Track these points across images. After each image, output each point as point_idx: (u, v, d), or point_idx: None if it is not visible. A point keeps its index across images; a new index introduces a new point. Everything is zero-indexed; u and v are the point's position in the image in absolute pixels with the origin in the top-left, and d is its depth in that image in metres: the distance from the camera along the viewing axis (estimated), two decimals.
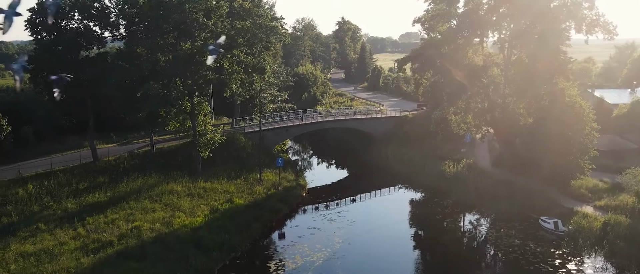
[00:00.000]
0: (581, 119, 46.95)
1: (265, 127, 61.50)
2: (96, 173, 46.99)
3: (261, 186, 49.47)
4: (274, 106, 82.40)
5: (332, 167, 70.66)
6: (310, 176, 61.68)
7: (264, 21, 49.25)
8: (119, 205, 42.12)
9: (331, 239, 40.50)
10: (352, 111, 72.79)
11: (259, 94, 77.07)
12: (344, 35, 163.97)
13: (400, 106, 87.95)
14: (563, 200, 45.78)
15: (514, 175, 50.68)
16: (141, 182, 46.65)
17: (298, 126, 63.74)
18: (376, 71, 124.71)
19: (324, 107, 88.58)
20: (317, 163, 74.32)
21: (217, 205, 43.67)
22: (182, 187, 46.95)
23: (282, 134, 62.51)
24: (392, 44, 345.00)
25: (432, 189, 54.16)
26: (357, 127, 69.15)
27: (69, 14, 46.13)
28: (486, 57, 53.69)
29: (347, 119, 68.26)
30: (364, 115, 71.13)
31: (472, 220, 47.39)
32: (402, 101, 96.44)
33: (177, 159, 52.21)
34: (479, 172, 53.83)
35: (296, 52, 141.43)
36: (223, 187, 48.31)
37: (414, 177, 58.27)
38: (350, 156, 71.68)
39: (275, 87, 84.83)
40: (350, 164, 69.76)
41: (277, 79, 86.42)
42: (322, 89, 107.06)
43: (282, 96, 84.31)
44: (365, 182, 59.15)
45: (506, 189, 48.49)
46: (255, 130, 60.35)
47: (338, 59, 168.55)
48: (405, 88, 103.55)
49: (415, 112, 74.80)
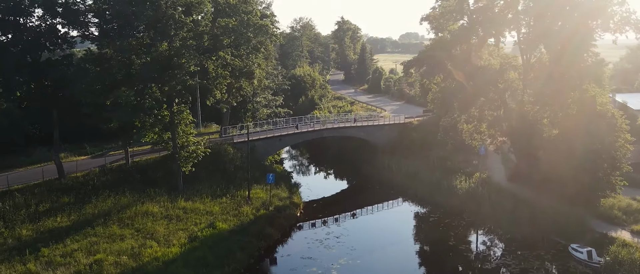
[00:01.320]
0: (613, 130, 41.23)
1: (257, 136, 55.72)
2: (60, 192, 41.13)
3: (249, 206, 43.66)
4: (268, 111, 76.74)
5: (330, 180, 64.82)
6: (307, 190, 55.89)
7: (253, 19, 43.45)
8: (82, 231, 36.33)
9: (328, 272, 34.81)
10: (352, 118, 66.98)
11: (252, 98, 71.75)
12: (344, 35, 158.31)
13: (404, 110, 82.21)
14: (594, 223, 40.06)
15: (535, 192, 44.92)
16: (112, 203, 40.83)
17: (293, 135, 57.95)
18: (377, 73, 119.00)
19: (322, 112, 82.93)
20: (314, 174, 68.50)
21: (197, 231, 37.86)
22: (159, 208, 41.16)
23: (275, 144, 56.71)
24: (392, 44, 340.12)
25: (442, 207, 48.41)
26: (357, 135, 63.41)
27: (28, 10, 40.29)
28: (502, 59, 47.90)
29: (346, 127, 62.46)
30: (365, 121, 65.36)
31: (489, 245, 41.67)
32: (406, 105, 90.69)
33: (155, 174, 46.38)
34: (494, 188, 48.07)
35: (293, 52, 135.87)
36: (206, 208, 42.51)
37: (421, 193, 52.52)
38: (351, 167, 65.86)
39: (269, 91, 79.19)
40: (351, 177, 64.03)
41: (271, 82, 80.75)
42: (321, 92, 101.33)
43: (276, 100, 78.63)
44: (367, 198, 53.31)
45: (527, 209, 42.73)
46: (246, 140, 54.53)
47: (337, 60, 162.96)
48: (408, 91, 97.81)
49: (420, 118, 69.04)
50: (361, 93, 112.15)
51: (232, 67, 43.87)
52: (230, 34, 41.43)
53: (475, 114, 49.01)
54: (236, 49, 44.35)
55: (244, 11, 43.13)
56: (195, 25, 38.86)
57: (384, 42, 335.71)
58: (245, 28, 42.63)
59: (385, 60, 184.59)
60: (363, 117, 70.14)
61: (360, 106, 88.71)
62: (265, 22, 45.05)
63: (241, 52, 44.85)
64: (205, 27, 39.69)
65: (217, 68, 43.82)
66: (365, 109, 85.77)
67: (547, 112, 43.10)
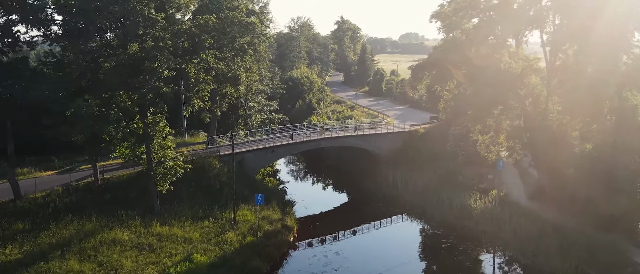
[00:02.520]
0: None
1: (246, 148, 49.94)
2: (14, 217, 35.35)
3: (235, 231, 37.91)
4: (261, 117, 70.99)
5: (327, 194, 58.99)
6: (301, 208, 50.22)
7: (238, 16, 37.53)
8: (34, 266, 30.60)
9: None
10: (352, 125, 61.21)
11: (244, 104, 66.04)
12: (343, 35, 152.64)
13: (408, 115, 76.53)
14: (634, 253, 34.38)
15: (562, 214, 39.33)
16: (74, 229, 35.09)
17: (287, 146, 52.16)
18: (378, 75, 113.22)
19: (320, 118, 77.23)
20: (311, 187, 62.70)
21: (170, 265, 32.12)
22: (129, 235, 35.47)
23: (267, 156, 50.94)
24: (392, 44, 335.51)
25: (454, 230, 42.70)
26: (358, 145, 57.68)
27: None
28: (524, 61, 42.22)
29: (346, 136, 56.69)
30: (366, 129, 59.60)
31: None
32: (410, 109, 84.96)
33: (129, 194, 40.63)
34: (514, 208, 42.40)
35: (291, 53, 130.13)
36: (184, 234, 36.80)
37: (431, 213, 46.79)
38: (350, 180, 60.08)
39: (263, 95, 73.42)
40: (350, 191, 58.23)
41: (266, 85, 75.01)
42: (319, 96, 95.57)
43: (271, 105, 72.85)
44: (368, 217, 47.60)
45: (555, 234, 37.04)
46: (236, 151, 48.78)
47: (337, 61, 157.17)
48: (411, 94, 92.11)
49: (427, 125, 63.32)
50: (362, 96, 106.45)
51: (216, 72, 38.08)
52: (211, 33, 35.63)
53: (492, 124, 43.30)
54: (220, 51, 38.52)
55: (228, 7, 37.26)
56: (169, 22, 33.07)
57: (384, 42, 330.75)
58: (229, 26, 36.77)
59: (386, 60, 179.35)
60: (364, 124, 64.45)
61: (361, 111, 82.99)
62: (252, 20, 39.19)
63: (225, 54, 39.03)
64: (182, 26, 33.96)
65: (199, 72, 38.02)
66: (367, 114, 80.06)
67: (580, 123, 37.38)
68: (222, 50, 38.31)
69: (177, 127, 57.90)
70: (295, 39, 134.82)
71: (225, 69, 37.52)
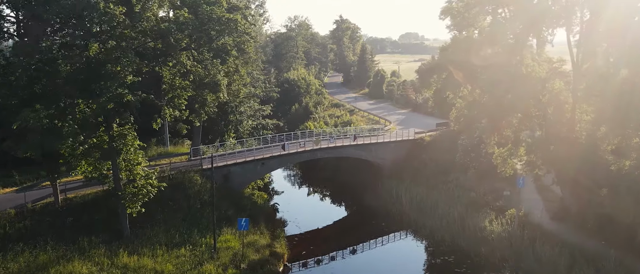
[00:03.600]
0: None
1: (232, 160, 44.62)
2: None
3: (214, 262, 32.61)
4: (254, 123, 65.78)
5: (323, 210, 53.68)
6: (295, 222, 45.19)
7: (216, 11, 32.05)
8: None
9: None
10: (351, 133, 55.94)
11: (234, 109, 60.88)
12: (342, 35, 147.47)
13: (411, 121, 71.25)
14: None
15: (593, 240, 34.07)
16: (25, 262, 29.81)
17: (279, 158, 46.86)
18: (379, 76, 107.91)
19: (317, 123, 71.98)
20: (305, 199, 57.36)
21: None
22: (90, 268, 30.18)
23: (256, 169, 45.62)
24: (392, 44, 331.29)
25: (468, 256, 37.44)
26: (358, 155, 52.44)
27: None
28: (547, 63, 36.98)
29: (345, 146, 51.36)
30: (367, 137, 54.28)
31: None
32: (413, 113, 79.63)
33: (93, 216, 35.33)
34: (536, 231, 37.10)
35: (288, 54, 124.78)
36: (155, 266, 31.49)
37: (440, 234, 41.49)
38: (350, 193, 54.81)
39: (255, 99, 68.24)
40: (350, 205, 53.11)
41: (258, 89, 69.86)
42: (316, 99, 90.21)
43: (264, 110, 67.61)
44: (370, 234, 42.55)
45: (588, 263, 31.79)
46: (220, 164, 43.59)
47: (336, 61, 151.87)
48: (413, 97, 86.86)
49: (433, 133, 58.02)
50: (361, 98, 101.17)
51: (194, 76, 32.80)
52: (185, 31, 30.23)
53: (510, 135, 38.03)
54: (198, 52, 33.15)
55: (207, 1, 31.85)
56: (131, 18, 27.77)
57: (384, 42, 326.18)
58: (206, 23, 31.38)
59: (386, 61, 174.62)
60: (364, 131, 59.19)
61: (361, 116, 77.66)
62: (235, 17, 33.76)
63: (204, 55, 33.67)
64: (148, 22, 28.68)
65: (175, 77, 32.74)
66: (367, 119, 74.74)
67: (618, 137, 32.13)
68: (200, 52, 32.95)
69: (159, 135, 52.73)
70: (292, 38, 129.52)
71: (203, 74, 32.16)
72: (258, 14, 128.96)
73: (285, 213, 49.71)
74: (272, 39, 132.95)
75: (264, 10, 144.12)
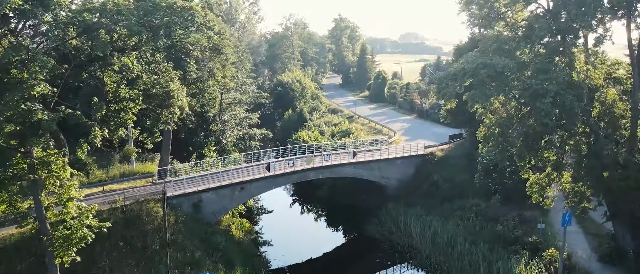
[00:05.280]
0: None
1: (204, 185, 36.51)
2: None
3: None
4: (240, 132, 57.82)
5: (318, 236, 45.83)
6: (280, 260, 37.35)
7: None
8: None
9: None
10: (350, 147, 47.97)
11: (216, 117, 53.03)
12: (341, 34, 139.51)
13: (417, 130, 63.35)
14: None
15: None
16: None
17: (262, 181, 38.79)
18: (380, 78, 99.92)
19: (311, 132, 63.97)
20: (297, 224, 49.35)
21: None
22: None
23: (233, 195, 37.57)
24: (392, 44, 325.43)
25: None
26: (359, 175, 44.54)
27: None
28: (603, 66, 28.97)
29: (343, 164, 43.28)
30: (368, 152, 46.20)
31: None
32: (419, 121, 71.68)
33: (14, 267, 27.31)
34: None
35: (283, 54, 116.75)
36: None
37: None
38: (349, 219, 46.79)
39: (242, 106, 60.30)
40: (349, 234, 45.37)
41: (244, 94, 61.96)
42: (312, 104, 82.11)
43: (251, 118, 59.60)
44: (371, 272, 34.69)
45: None
46: (189, 190, 35.59)
47: (334, 62, 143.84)
48: (418, 101, 78.98)
49: (446, 146, 50.05)
50: (362, 102, 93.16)
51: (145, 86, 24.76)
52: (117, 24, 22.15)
53: (551, 157, 30.03)
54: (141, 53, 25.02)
55: None
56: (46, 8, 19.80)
57: (384, 42, 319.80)
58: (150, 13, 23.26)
59: (386, 61, 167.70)
60: (366, 143, 51.21)
61: (361, 124, 69.58)
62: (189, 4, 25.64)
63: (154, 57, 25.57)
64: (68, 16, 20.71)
65: (118, 85, 24.75)
66: (368, 128, 66.67)
67: None
68: (143, 52, 24.86)
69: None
70: (287, 38, 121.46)
71: (148, 82, 24.14)
72: (252, 13, 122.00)
73: (270, 241, 41.90)
74: (267, 38, 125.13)
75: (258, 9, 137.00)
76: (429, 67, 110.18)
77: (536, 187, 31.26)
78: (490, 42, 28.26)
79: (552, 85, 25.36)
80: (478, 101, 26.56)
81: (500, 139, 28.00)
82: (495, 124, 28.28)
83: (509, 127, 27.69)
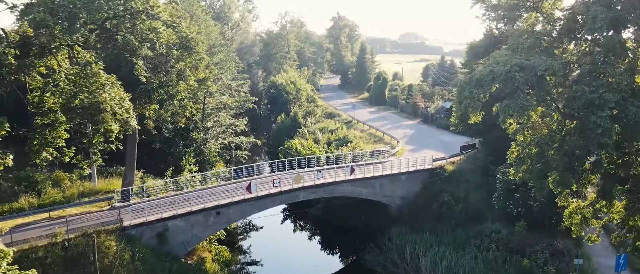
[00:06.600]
0: None
1: (171, 211, 30.34)
2: None
3: None
4: (224, 140, 51.83)
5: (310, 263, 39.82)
6: None
7: None
8: None
9: None
10: (348, 161, 41.83)
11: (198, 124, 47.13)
12: (339, 33, 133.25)
13: (423, 137, 57.23)
14: None
15: None
16: None
17: (242, 205, 32.59)
18: (380, 79, 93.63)
19: (305, 140, 57.85)
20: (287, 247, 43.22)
21: None
22: None
23: (207, 221, 31.38)
24: (392, 44, 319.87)
25: None
26: (358, 194, 38.44)
27: None
28: None
29: (339, 182, 37.11)
30: (368, 165, 39.96)
31: None
32: (423, 126, 65.53)
33: None
34: None
35: (277, 54, 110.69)
36: None
37: None
38: (346, 243, 40.85)
39: (227, 112, 54.23)
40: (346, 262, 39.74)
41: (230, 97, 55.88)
42: (307, 108, 75.91)
43: (237, 125, 53.51)
44: None
45: None
46: (152, 218, 29.46)
47: (332, 62, 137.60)
48: (423, 105, 72.80)
49: (457, 158, 43.91)
50: (361, 105, 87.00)
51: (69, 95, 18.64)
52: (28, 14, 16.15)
53: (598, 183, 23.94)
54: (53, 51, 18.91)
55: None
56: None
57: (383, 41, 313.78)
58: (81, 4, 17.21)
59: (386, 61, 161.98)
60: (365, 155, 45.09)
61: (361, 130, 63.37)
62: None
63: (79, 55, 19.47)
64: None
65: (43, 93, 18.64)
66: (368, 135, 60.46)
67: None
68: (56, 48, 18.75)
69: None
70: (283, 37, 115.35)
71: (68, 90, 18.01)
72: (246, 10, 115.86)
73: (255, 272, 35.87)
74: (262, 37, 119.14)
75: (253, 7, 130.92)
76: (432, 68, 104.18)
77: (577, 218, 25.12)
78: (523, 37, 22.07)
79: (611, 94, 19.23)
80: (513, 114, 20.39)
81: (538, 165, 21.77)
82: (531, 142, 22.11)
83: (549, 147, 21.52)
